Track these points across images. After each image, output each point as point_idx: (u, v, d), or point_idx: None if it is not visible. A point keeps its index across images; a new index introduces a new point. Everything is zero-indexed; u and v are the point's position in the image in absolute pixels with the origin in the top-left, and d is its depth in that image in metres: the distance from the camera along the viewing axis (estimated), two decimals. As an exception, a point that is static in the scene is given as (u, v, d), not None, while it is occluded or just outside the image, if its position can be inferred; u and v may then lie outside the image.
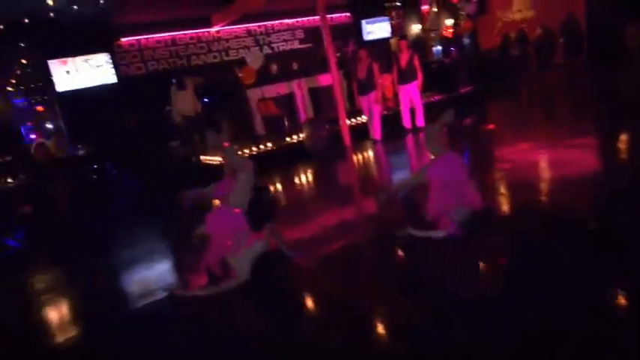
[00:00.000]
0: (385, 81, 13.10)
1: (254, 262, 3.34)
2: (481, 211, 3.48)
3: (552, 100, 9.68)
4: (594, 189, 4.00)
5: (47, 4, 7.71)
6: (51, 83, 9.85)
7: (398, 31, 15.30)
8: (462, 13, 15.66)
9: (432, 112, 9.16)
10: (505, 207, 4.04)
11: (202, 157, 8.60)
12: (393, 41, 15.22)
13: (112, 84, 10.17)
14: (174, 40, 11.07)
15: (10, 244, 6.21)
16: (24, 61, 11.20)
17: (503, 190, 4.48)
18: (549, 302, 2.41)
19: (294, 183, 7.04)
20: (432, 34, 16.02)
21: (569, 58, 12.63)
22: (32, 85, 13.96)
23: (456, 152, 4.00)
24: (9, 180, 7.47)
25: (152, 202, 7.40)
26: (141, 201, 7.63)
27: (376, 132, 8.50)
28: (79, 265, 5.01)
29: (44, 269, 5.20)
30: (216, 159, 7.98)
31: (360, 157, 7.94)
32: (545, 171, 4.95)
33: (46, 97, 14.16)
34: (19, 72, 12.16)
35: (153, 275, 4.18)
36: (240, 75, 9.08)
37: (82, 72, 9.92)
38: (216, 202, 3.84)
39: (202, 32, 11.38)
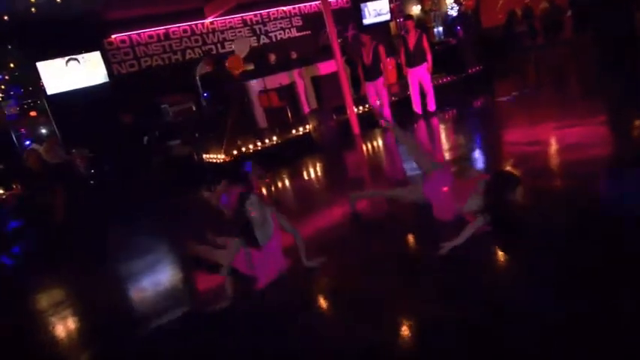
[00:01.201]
0: (388, 65, 12.71)
1: None
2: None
3: (562, 78, 9.21)
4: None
5: (31, 3, 7.19)
6: (41, 86, 9.37)
7: (398, 13, 14.80)
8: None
9: (441, 95, 8.80)
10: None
11: (205, 156, 8.16)
12: (392, 24, 14.75)
13: (104, 83, 9.69)
14: (167, 34, 10.56)
15: (5, 261, 5.81)
16: (12, 65, 10.73)
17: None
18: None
19: (303, 177, 6.62)
20: (433, 15, 15.49)
21: (577, 33, 12.12)
22: (22, 90, 13.53)
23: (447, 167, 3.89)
24: (0, 191, 7.06)
25: (151, 205, 7.00)
26: (140, 204, 7.22)
27: (387, 116, 8.02)
28: (76, 278, 4.63)
29: (42, 284, 4.81)
30: (219, 157, 7.55)
31: (370, 146, 7.52)
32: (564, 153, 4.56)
33: (38, 102, 13.71)
34: (7, 77, 11.70)
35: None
36: (226, 65, 8.55)
37: (72, 72, 9.43)
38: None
39: (196, 24, 10.87)
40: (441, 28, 15.56)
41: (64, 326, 3.61)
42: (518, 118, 6.60)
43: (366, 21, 13.36)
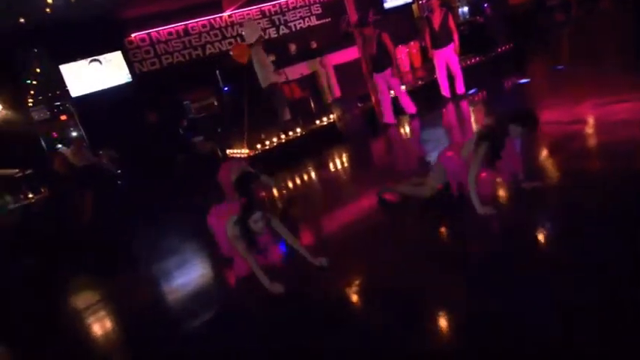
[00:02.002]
0: (411, 49, 12.28)
1: None
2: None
3: (599, 53, 8.57)
4: None
5: (48, 4, 7.18)
6: (67, 89, 9.45)
7: (420, -6, 14.26)
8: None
9: (471, 76, 8.37)
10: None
11: (228, 151, 8.04)
12: (415, 7, 14.23)
13: (127, 83, 9.69)
14: (186, 30, 10.47)
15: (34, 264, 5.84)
16: (38, 70, 10.89)
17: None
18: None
19: (329, 169, 6.39)
20: (457, -6, 14.86)
21: (616, 2, 11.34)
22: (50, 94, 13.79)
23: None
24: (29, 195, 7.13)
25: (178, 204, 6.93)
26: (167, 203, 7.17)
27: (409, 106, 7.61)
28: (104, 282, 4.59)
29: (73, 286, 4.80)
30: (243, 152, 7.41)
31: (397, 133, 7.21)
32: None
33: (67, 105, 13.96)
34: (35, 82, 11.91)
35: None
36: (232, 54, 8.24)
37: (95, 74, 9.47)
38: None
39: (214, 18, 10.73)
40: (466, 8, 14.92)
41: (97, 327, 3.63)
42: (552, 96, 6.15)
43: (387, 4, 12.92)
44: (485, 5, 10.39)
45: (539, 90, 6.96)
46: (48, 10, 6.72)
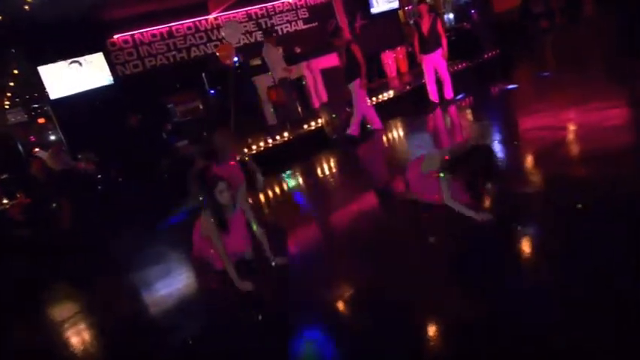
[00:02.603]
0: (398, 54, 12.28)
1: None
2: None
3: (583, 59, 8.66)
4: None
5: (27, 3, 6.91)
6: (46, 92, 9.13)
7: (406, 0, 14.31)
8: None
9: (459, 82, 8.36)
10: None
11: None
12: (401, 12, 14.27)
13: (109, 85, 9.41)
14: (170, 32, 10.25)
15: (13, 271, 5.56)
16: (15, 72, 10.53)
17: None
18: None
19: (317, 175, 6.27)
20: (442, 1, 14.96)
21: (600, 9, 11.52)
22: (27, 97, 13.36)
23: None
24: (4, 201, 6.82)
25: (161, 209, 6.71)
26: (149, 209, 6.94)
27: (375, 122, 7.37)
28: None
29: (52, 294, 4.57)
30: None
31: (385, 138, 7.13)
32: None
33: (45, 108, 13.54)
34: (12, 83, 11.52)
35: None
36: (217, 54, 8.16)
37: (75, 75, 9.16)
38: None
39: (199, 21, 10.54)
40: (451, 15, 15.02)
41: (75, 341, 3.43)
42: (539, 102, 6.14)
43: (374, 10, 12.88)
44: (473, 11, 10.44)
45: (526, 96, 6.96)
46: (26, 7, 6.44)
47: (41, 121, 15.23)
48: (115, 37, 9.67)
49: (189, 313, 3.33)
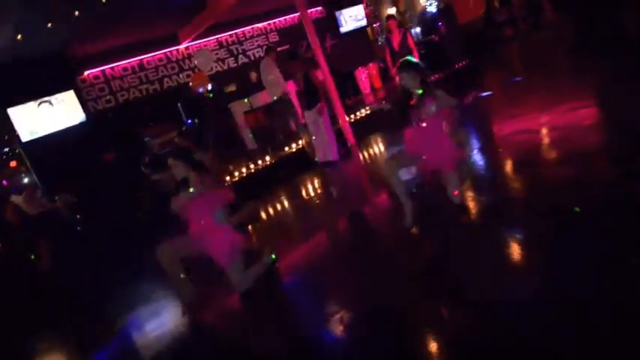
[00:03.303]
0: (371, 70, 12.46)
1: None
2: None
3: (551, 62, 8.95)
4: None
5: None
6: (15, 134, 8.88)
7: (373, 18, 14.61)
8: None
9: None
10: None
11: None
12: (369, 30, 14.53)
13: (82, 123, 9.21)
14: (141, 65, 10.17)
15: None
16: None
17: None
18: None
19: (302, 196, 6.21)
20: (409, 15, 15.31)
21: (558, 14, 11.96)
22: (-3, 140, 12.98)
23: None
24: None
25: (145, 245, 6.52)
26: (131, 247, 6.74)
27: (333, 152, 7.01)
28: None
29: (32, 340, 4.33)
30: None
31: (367, 155, 7.15)
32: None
33: (17, 151, 13.16)
34: (-20, 128, 11.17)
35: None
36: (190, 83, 8.16)
37: (46, 116, 8.95)
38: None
39: (171, 51, 10.50)
40: (418, 29, 15.36)
41: None
42: (515, 107, 6.27)
43: (344, 29, 13.09)
44: (440, 24, 10.70)
45: (502, 101, 7.11)
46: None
47: (13, 164, 14.81)
48: (85, 73, 9.53)
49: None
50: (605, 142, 3.98)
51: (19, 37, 6.17)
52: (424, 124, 3.42)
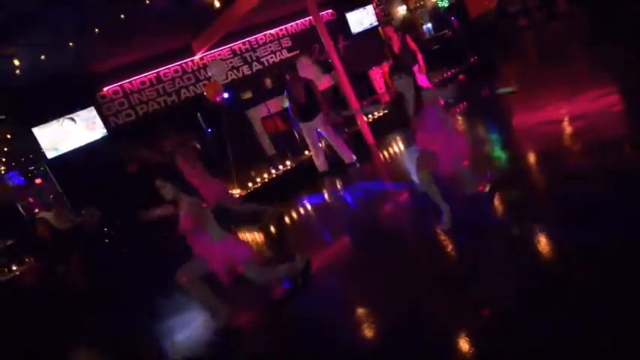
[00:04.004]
0: (384, 69, 12.41)
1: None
2: None
3: (568, 52, 8.78)
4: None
5: (16, 70, 6.94)
6: (41, 152, 9.11)
7: (385, 17, 14.56)
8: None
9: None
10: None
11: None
12: (381, 29, 14.50)
13: (103, 137, 9.41)
14: (159, 77, 10.33)
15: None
16: (9, 136, 10.52)
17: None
18: None
19: (327, 200, 6.23)
20: (419, 12, 15.23)
21: (573, 5, 11.75)
22: (23, 159, 13.34)
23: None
24: (14, 267, 6.70)
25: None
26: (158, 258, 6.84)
27: (348, 155, 6.99)
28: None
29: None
30: (235, 192, 7.18)
31: (387, 153, 7.13)
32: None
33: (41, 168, 13.50)
34: (6, 149, 11.50)
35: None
36: (205, 93, 8.22)
37: (69, 132, 9.17)
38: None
39: (186, 62, 10.64)
40: (430, 25, 15.27)
41: None
42: (540, 99, 6.17)
43: (355, 30, 13.09)
44: (453, 18, 10.62)
45: (526, 94, 6.96)
46: (18, 72, 6.48)
47: (38, 181, 15.18)
48: (105, 89, 9.72)
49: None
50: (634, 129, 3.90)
51: (42, 57, 6.31)
52: (425, 121, 3.42)
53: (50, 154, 9.02)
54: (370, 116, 8.38)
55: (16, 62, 6.06)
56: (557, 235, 2.82)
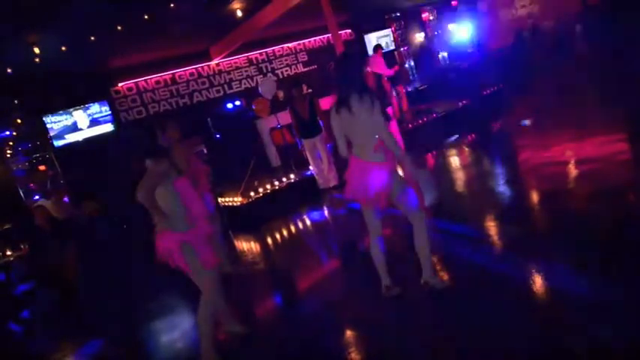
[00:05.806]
0: (400, 91, 12.48)
1: None
2: None
3: (582, 90, 8.82)
4: None
5: (36, 57, 7.02)
6: (48, 139, 9.16)
7: (402, 42, 14.73)
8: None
9: (460, 119, 8.48)
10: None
11: (219, 199, 7.78)
12: (397, 53, 14.65)
13: (112, 132, 9.46)
14: (174, 79, 10.44)
15: (14, 328, 5.37)
16: (19, 121, 10.59)
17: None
18: None
19: (327, 215, 6.20)
20: (436, 41, 15.39)
21: (589, 44, 11.85)
22: (30, 145, 13.39)
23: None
24: (8, 252, 6.67)
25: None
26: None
27: (335, 177, 6.99)
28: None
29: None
30: (236, 200, 7.17)
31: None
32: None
33: (47, 155, 13.54)
34: (15, 133, 11.57)
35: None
36: (253, 108, 8.37)
37: (79, 124, 9.24)
38: None
39: (202, 67, 10.76)
40: (446, 54, 15.42)
41: None
42: (548, 137, 6.17)
43: (371, 52, 13.22)
44: (471, 50, 10.72)
45: (545, 128, 6.90)
46: (37, 60, 6.55)
47: (42, 168, 15.22)
48: (120, 84, 9.82)
49: None
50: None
51: (63, 48, 6.39)
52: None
53: (58, 143, 9.06)
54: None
55: (37, 50, 6.13)
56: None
